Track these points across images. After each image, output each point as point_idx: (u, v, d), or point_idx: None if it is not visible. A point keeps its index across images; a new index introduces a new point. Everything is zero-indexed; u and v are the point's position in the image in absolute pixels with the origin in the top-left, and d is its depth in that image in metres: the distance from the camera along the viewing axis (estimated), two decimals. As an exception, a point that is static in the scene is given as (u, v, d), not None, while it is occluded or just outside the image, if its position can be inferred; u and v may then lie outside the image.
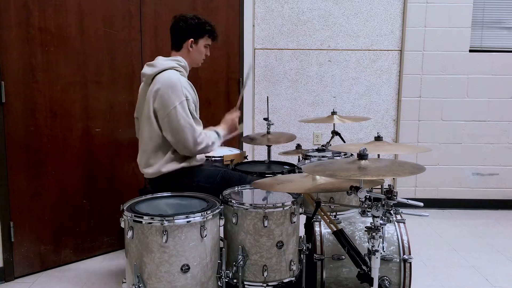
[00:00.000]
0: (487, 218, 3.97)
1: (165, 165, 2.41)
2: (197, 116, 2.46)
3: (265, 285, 2.07)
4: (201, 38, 2.53)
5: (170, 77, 2.37)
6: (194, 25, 2.51)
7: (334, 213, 2.43)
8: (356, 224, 2.31)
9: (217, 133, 2.51)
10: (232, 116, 2.63)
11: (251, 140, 3.02)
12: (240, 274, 2.05)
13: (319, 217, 2.30)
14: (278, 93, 4.09)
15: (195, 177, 2.45)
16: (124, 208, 1.95)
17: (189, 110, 2.36)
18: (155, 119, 2.39)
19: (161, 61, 2.46)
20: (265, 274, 2.06)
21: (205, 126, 2.52)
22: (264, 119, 3.05)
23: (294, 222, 2.11)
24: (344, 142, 3.16)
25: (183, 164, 2.43)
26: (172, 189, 2.28)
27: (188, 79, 2.48)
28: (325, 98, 4.10)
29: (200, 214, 1.88)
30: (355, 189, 1.75)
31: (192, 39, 2.50)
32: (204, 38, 2.54)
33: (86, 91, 2.99)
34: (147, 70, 2.47)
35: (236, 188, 2.33)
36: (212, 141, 2.44)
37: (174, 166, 2.41)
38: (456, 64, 4.04)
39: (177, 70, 2.44)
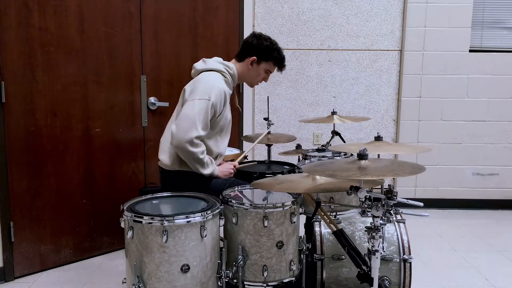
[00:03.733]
0: (487, 218, 3.97)
1: (176, 162, 2.41)
2: (221, 132, 2.46)
3: (265, 285, 2.07)
4: (264, 61, 2.54)
5: (211, 76, 2.41)
6: (264, 46, 2.52)
7: (334, 213, 2.43)
8: (356, 224, 2.31)
9: (213, 167, 2.45)
10: (229, 166, 2.55)
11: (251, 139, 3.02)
12: (240, 274, 2.05)
13: (319, 217, 2.30)
14: (278, 93, 4.09)
15: (206, 183, 2.43)
16: (124, 208, 1.95)
17: (208, 114, 2.32)
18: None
19: (213, 62, 2.49)
20: (265, 274, 2.05)
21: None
22: (264, 119, 3.04)
23: (294, 222, 2.11)
24: (344, 142, 3.16)
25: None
26: (179, 188, 2.27)
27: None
28: (325, 98, 4.10)
29: (200, 214, 1.87)
30: (355, 189, 1.75)
31: (255, 58, 2.53)
32: (269, 63, 2.55)
33: (86, 91, 2.99)
34: (199, 64, 2.51)
35: (236, 188, 2.33)
36: (208, 160, 2.39)
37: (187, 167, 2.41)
38: (456, 64, 4.04)
39: (222, 75, 2.46)
